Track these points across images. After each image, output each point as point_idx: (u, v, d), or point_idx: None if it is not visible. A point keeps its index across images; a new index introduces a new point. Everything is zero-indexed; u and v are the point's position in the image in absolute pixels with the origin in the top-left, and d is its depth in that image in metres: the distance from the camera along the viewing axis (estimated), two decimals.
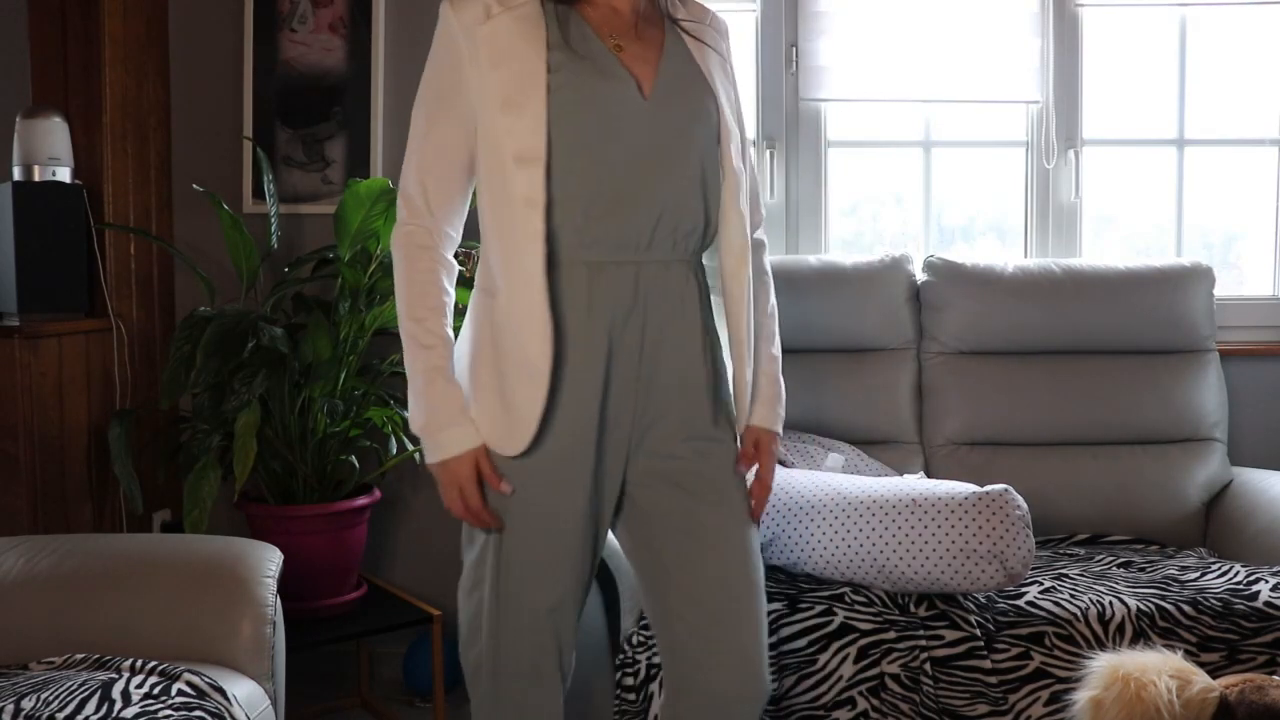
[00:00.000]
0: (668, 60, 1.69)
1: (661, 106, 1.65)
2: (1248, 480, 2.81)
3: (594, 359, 1.64)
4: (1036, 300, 2.88)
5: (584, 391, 1.65)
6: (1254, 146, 3.17)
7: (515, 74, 1.60)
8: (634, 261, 1.65)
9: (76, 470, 2.70)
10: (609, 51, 1.65)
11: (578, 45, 1.64)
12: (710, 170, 1.69)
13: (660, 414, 1.70)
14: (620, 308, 1.65)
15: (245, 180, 3.09)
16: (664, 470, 1.71)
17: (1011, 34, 3.09)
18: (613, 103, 1.62)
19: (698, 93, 1.69)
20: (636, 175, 1.63)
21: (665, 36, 1.71)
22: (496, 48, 1.61)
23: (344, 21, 3.07)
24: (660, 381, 1.69)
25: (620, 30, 1.68)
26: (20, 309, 2.67)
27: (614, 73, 1.64)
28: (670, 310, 1.68)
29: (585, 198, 1.62)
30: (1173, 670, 1.75)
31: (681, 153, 1.66)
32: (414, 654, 3.00)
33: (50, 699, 1.67)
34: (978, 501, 2.19)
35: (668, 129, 1.65)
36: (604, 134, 1.62)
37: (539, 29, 1.63)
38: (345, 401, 2.71)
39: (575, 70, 1.62)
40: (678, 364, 1.70)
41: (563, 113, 1.59)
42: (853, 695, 2.14)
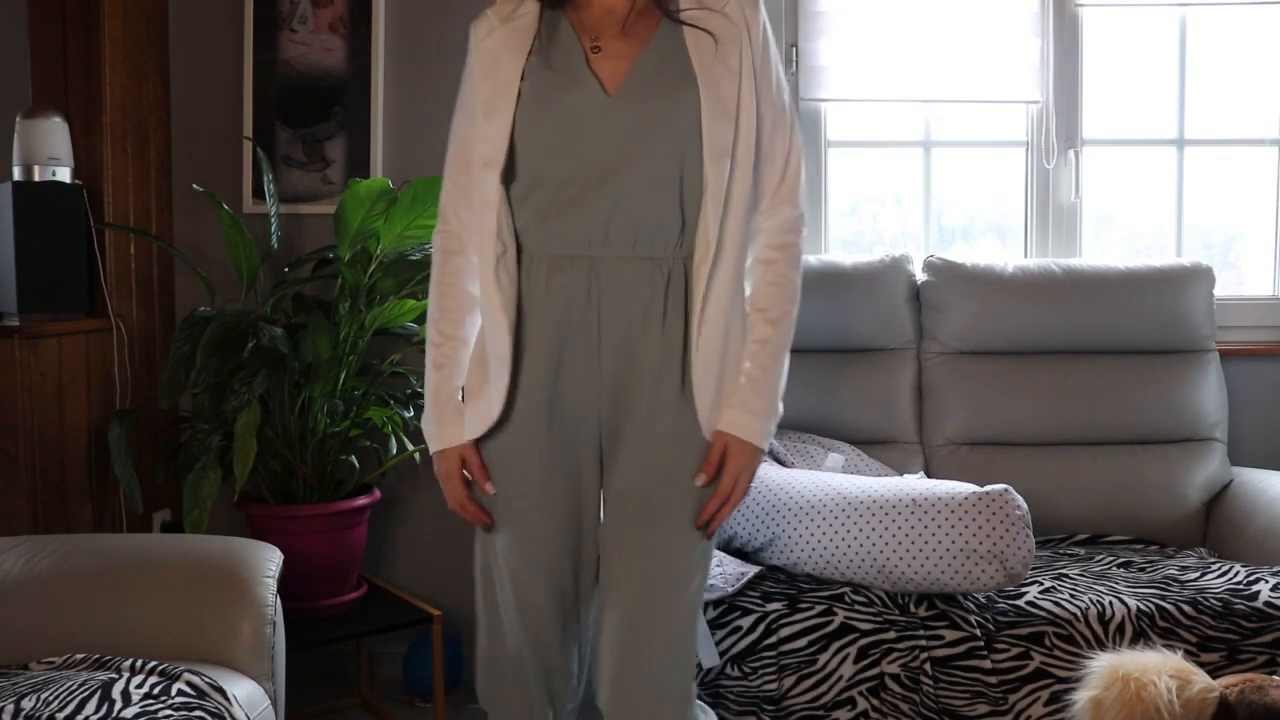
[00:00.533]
0: (648, 54, 1.67)
1: (625, 103, 1.65)
2: (1248, 480, 2.81)
3: (548, 349, 1.69)
4: (1036, 300, 2.88)
5: (537, 379, 1.70)
6: (1254, 146, 3.17)
7: (497, 85, 1.70)
8: (588, 257, 1.67)
9: (76, 470, 2.70)
10: (582, 53, 1.68)
11: (553, 52, 1.69)
12: (688, 166, 1.66)
13: (626, 413, 1.70)
14: (574, 301, 1.68)
15: (245, 180, 3.09)
16: (621, 477, 1.71)
17: (1011, 34, 3.09)
18: (572, 105, 1.66)
19: (674, 86, 1.66)
20: (595, 173, 1.65)
21: (657, 30, 1.69)
22: (489, 60, 1.72)
23: (344, 21, 3.07)
24: (622, 380, 1.69)
25: (607, 29, 1.69)
26: (20, 309, 2.67)
27: (576, 76, 1.67)
28: (629, 308, 1.67)
29: (542, 196, 1.68)
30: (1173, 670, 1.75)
31: (644, 149, 1.65)
32: (414, 654, 3.00)
33: (50, 699, 1.67)
34: (978, 501, 2.19)
35: (630, 125, 1.65)
36: (561, 135, 1.66)
37: (526, 39, 1.70)
38: (345, 401, 2.71)
39: (540, 77, 1.68)
40: (638, 364, 1.69)
41: (525, 118, 1.68)
42: (853, 695, 2.14)
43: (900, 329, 2.92)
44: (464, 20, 3.00)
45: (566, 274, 1.68)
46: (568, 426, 1.71)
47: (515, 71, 1.68)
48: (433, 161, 2.92)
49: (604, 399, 1.70)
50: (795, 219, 1.75)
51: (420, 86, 3.07)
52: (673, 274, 1.69)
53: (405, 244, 2.71)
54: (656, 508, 1.70)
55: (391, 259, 2.72)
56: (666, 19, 1.70)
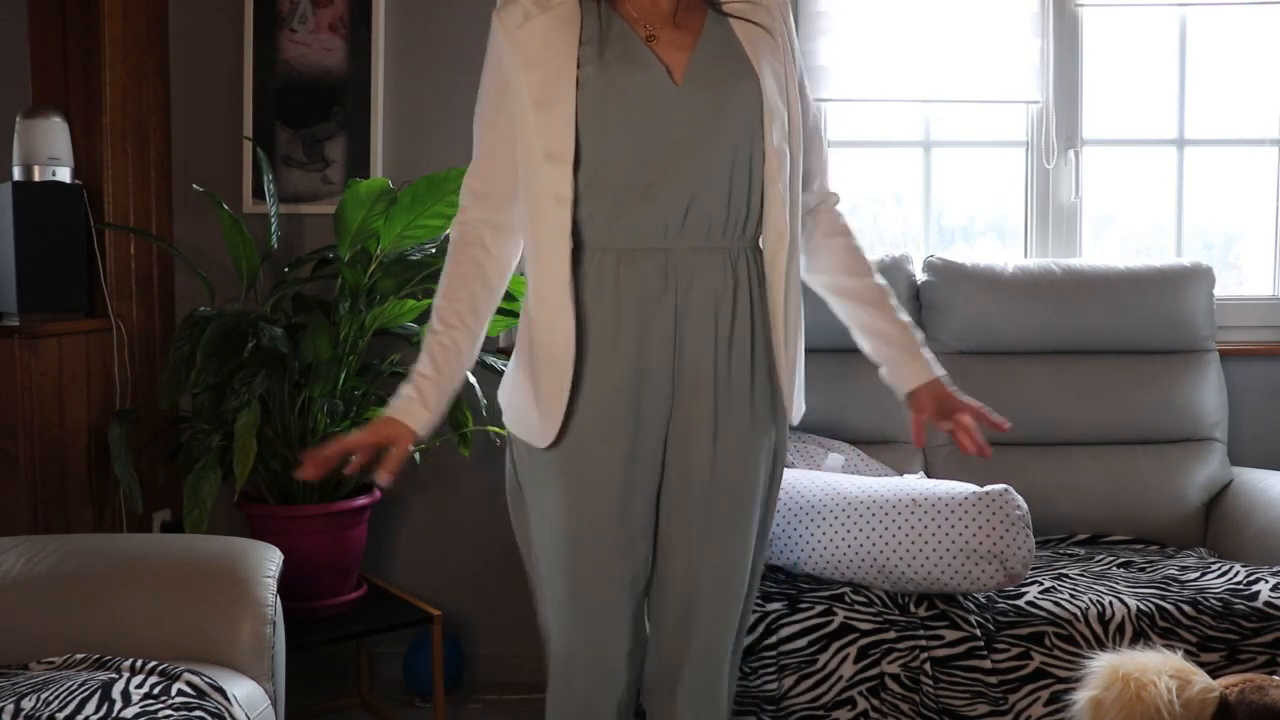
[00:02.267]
0: (704, 44, 1.68)
1: (693, 92, 1.64)
2: (1248, 480, 2.81)
3: (621, 348, 1.66)
4: (1036, 300, 2.88)
5: (611, 381, 1.67)
6: (1254, 146, 3.17)
7: (547, 74, 1.64)
8: (664, 249, 1.66)
9: (76, 470, 2.70)
10: (641, 41, 1.66)
11: (610, 40, 1.65)
12: (753, 154, 1.67)
13: (701, 404, 1.69)
14: (649, 294, 1.66)
15: (245, 180, 3.09)
16: (686, 463, 1.72)
17: (1011, 34, 3.09)
18: (641, 91, 1.63)
19: (735, 75, 1.67)
20: (666, 162, 1.63)
21: (706, 21, 1.70)
22: (532, 49, 1.66)
23: (344, 21, 3.07)
24: (693, 371, 1.69)
25: (657, 20, 1.68)
26: (20, 309, 2.67)
27: (643, 61, 1.64)
28: (704, 299, 1.67)
29: (615, 189, 1.64)
30: (1173, 670, 1.75)
31: (714, 138, 1.65)
32: (414, 654, 3.00)
33: (50, 699, 1.67)
34: (978, 501, 2.19)
35: (700, 114, 1.64)
36: (632, 124, 1.63)
37: (573, 28, 1.65)
38: (345, 401, 2.71)
39: (603, 64, 1.63)
40: (710, 354, 1.69)
41: (590, 108, 1.62)
42: (853, 695, 2.14)
43: None
44: (464, 20, 3.03)
45: (640, 267, 1.65)
46: (644, 423, 1.69)
47: (569, 59, 1.63)
48: (433, 161, 2.94)
49: (681, 392, 1.69)
50: (838, 200, 1.87)
51: (420, 86, 3.07)
52: (738, 262, 1.70)
53: (405, 244, 2.71)
54: (740, 491, 1.73)
55: (391, 259, 2.72)
56: (714, 12, 1.71)
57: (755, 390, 1.72)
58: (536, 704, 2.94)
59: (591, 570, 1.72)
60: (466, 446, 2.88)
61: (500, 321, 2.77)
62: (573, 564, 1.72)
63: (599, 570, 1.72)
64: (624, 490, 1.70)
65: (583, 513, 1.70)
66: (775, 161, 1.68)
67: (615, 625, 1.74)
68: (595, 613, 1.73)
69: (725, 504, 1.73)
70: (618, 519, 1.70)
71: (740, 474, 1.73)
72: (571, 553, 1.72)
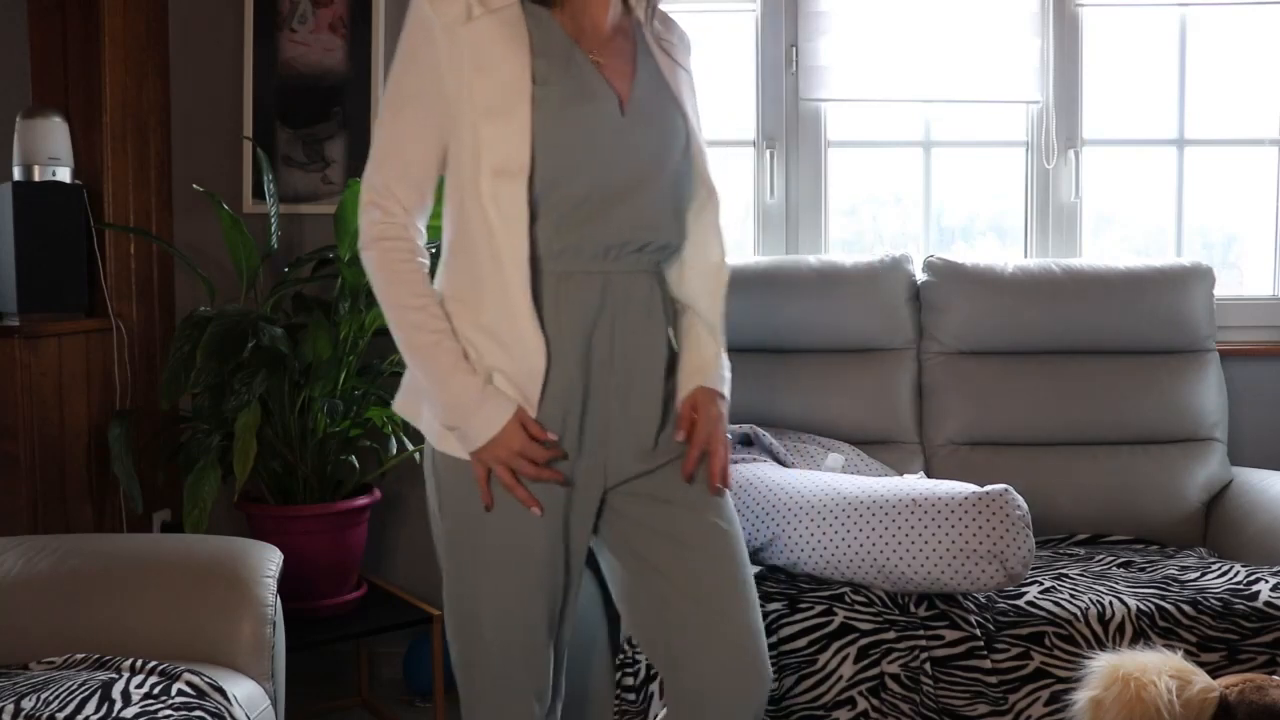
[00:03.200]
0: (641, 76, 1.68)
1: (637, 123, 1.64)
2: (1248, 480, 2.81)
3: (570, 368, 1.63)
4: (1036, 300, 2.88)
5: (561, 402, 1.63)
6: (1254, 146, 3.17)
7: (500, 82, 1.56)
8: (601, 271, 1.64)
9: (76, 470, 2.70)
10: (592, 65, 1.63)
11: (561, 56, 1.62)
12: (682, 187, 1.69)
13: (634, 423, 1.68)
14: (588, 316, 1.63)
15: (245, 180, 3.09)
16: (640, 484, 1.70)
17: (1011, 34, 3.09)
18: (595, 119, 1.61)
19: (669, 110, 1.69)
20: (611, 191, 1.61)
21: (636, 51, 1.70)
22: (480, 51, 1.57)
23: (344, 21, 3.07)
24: (633, 391, 1.67)
25: (597, 43, 1.66)
26: (20, 309, 2.67)
27: (598, 89, 1.62)
28: (637, 319, 1.67)
29: (560, 212, 1.60)
30: (1173, 670, 1.75)
31: (655, 169, 1.65)
32: (414, 654, 3.00)
33: (50, 699, 1.67)
34: (978, 501, 2.19)
35: (643, 146, 1.64)
36: (584, 150, 1.60)
37: (522, 35, 1.59)
38: (345, 401, 2.71)
39: (561, 83, 1.59)
40: (647, 374, 1.68)
41: (547, 126, 1.57)
42: (853, 695, 2.14)
43: (900, 329, 2.91)
44: None
45: (580, 289, 1.63)
46: (581, 438, 1.66)
47: (522, 70, 1.56)
48: None
49: (615, 412, 1.67)
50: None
51: None
52: (660, 282, 1.71)
53: None
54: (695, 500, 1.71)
55: None
56: (640, 42, 1.71)
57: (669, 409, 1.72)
58: None
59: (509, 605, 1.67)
60: None
61: None
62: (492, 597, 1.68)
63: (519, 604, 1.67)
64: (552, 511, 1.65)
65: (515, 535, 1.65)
66: (714, 198, 1.72)
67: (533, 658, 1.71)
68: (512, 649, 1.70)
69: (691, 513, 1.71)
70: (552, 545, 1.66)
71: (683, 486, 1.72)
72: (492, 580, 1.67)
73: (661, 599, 1.72)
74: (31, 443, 2.56)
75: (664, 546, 1.71)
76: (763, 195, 3.18)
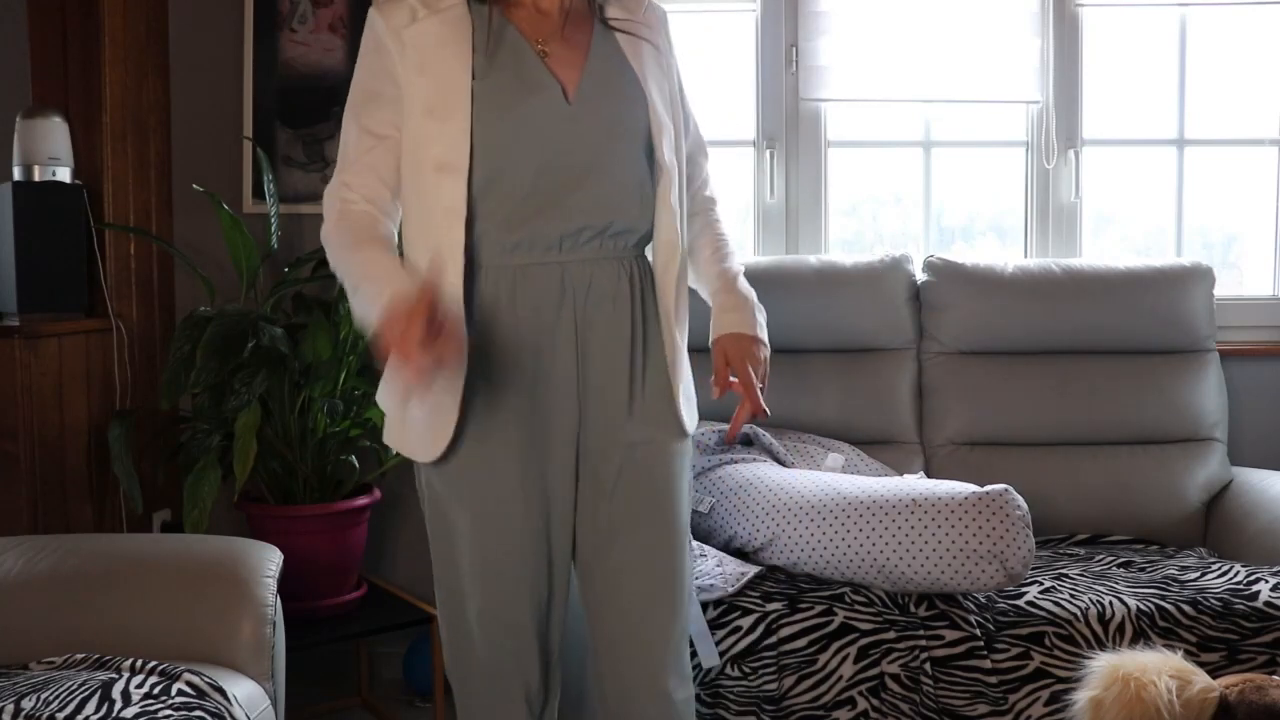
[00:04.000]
0: (594, 61, 1.67)
1: (585, 110, 1.64)
2: (1248, 480, 2.81)
3: (519, 360, 1.64)
4: (1036, 300, 2.88)
5: (511, 390, 1.64)
6: (1254, 146, 3.17)
7: (439, 80, 1.59)
8: (558, 262, 1.64)
9: (76, 470, 2.70)
10: (535, 56, 1.64)
11: (503, 50, 1.63)
12: (644, 168, 1.68)
13: (598, 411, 1.69)
14: (547, 306, 1.64)
15: (245, 180, 3.09)
16: (595, 469, 1.70)
17: (1011, 34, 3.09)
18: (536, 111, 1.61)
19: (625, 91, 1.67)
20: (558, 181, 1.62)
21: (593, 35, 1.69)
22: (422, 52, 1.61)
23: (344, 21, 3.07)
24: (596, 379, 1.68)
25: (546, 33, 1.66)
26: (20, 309, 2.67)
27: (538, 80, 1.62)
28: (599, 308, 1.67)
29: (509, 204, 1.62)
30: (1173, 670, 1.75)
31: (607, 155, 1.65)
32: (414, 654, 3.00)
33: (50, 699, 1.67)
34: (978, 501, 2.19)
35: (592, 133, 1.64)
36: (526, 142, 1.61)
37: (465, 32, 1.61)
38: (345, 401, 2.71)
39: (499, 78, 1.61)
40: (610, 362, 1.68)
41: (486, 121, 1.59)
42: (853, 695, 2.14)
43: (900, 329, 2.91)
44: None
45: (536, 281, 1.64)
46: (548, 434, 1.67)
47: (463, 68, 1.59)
48: None
49: (586, 400, 1.68)
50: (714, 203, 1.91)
51: None
52: (634, 270, 1.71)
53: None
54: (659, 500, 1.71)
55: None
56: (600, 25, 1.70)
57: (662, 395, 1.72)
58: None
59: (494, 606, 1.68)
60: None
61: None
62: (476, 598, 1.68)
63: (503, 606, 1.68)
64: (530, 509, 1.67)
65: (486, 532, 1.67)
66: (666, 177, 1.69)
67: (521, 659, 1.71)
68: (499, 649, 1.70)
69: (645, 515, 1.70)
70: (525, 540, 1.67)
71: (660, 483, 1.71)
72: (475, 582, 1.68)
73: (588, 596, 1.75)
74: (31, 443, 2.56)
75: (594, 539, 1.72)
76: (763, 195, 3.18)
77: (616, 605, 1.72)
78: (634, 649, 1.72)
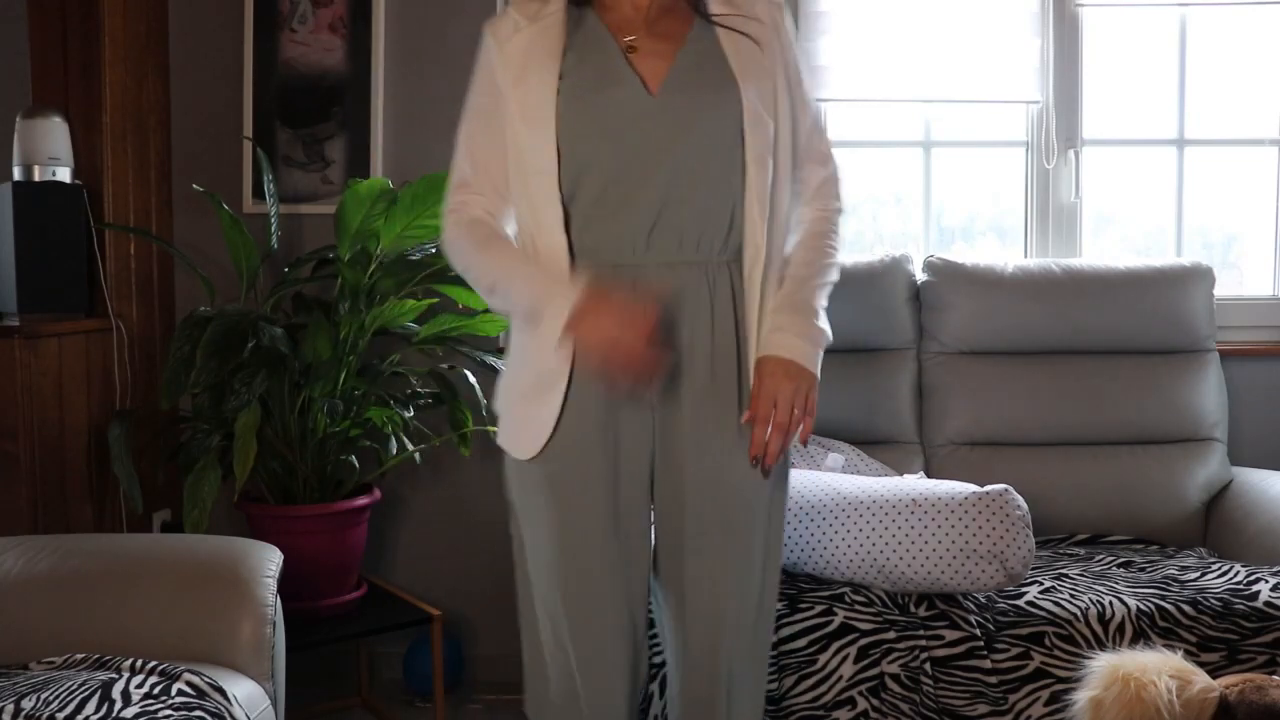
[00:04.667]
0: (685, 54, 1.65)
1: (668, 102, 1.62)
2: (1248, 480, 2.81)
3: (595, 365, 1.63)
4: (1036, 300, 2.88)
5: (590, 399, 1.64)
6: (1254, 146, 3.17)
7: (532, 89, 1.63)
8: (632, 264, 1.63)
9: (76, 470, 2.70)
10: (619, 51, 1.64)
11: (588, 50, 1.64)
12: (733, 167, 1.64)
13: (675, 421, 1.67)
14: None
15: (245, 180, 3.09)
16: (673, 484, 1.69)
17: (1011, 34, 3.09)
18: (613, 106, 1.61)
19: (714, 86, 1.64)
20: (636, 175, 1.61)
21: (691, 29, 1.67)
22: (518, 63, 1.65)
23: (344, 21, 3.07)
24: (675, 390, 1.66)
25: (638, 28, 1.66)
26: (20, 309, 2.67)
27: (618, 75, 1.62)
28: (676, 314, 1.64)
29: (590, 203, 1.62)
30: (1173, 670, 1.75)
31: (685, 149, 1.62)
32: (414, 654, 3.00)
33: (50, 699, 1.67)
34: (978, 501, 2.19)
35: (672, 125, 1.62)
36: (604, 137, 1.61)
37: (558, 39, 1.64)
38: (345, 401, 2.71)
39: (581, 74, 1.62)
40: (690, 373, 1.66)
41: (567, 120, 1.61)
42: (853, 695, 2.14)
43: (900, 329, 2.91)
44: (464, 20, 3.03)
45: (612, 284, 1.61)
46: (626, 442, 1.67)
47: (551, 74, 1.62)
48: (433, 161, 2.93)
49: (657, 413, 1.67)
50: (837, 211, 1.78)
51: (420, 86, 3.07)
52: (718, 278, 1.66)
53: (405, 244, 2.71)
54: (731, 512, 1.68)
55: (391, 259, 2.72)
56: (700, 19, 1.68)
57: (743, 406, 1.68)
58: None
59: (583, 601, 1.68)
60: (466, 446, 2.88)
61: (500, 321, 2.78)
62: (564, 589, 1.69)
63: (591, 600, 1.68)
64: (611, 509, 1.67)
65: (571, 530, 1.67)
66: (754, 175, 1.64)
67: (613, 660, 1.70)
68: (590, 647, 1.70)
69: (716, 526, 1.68)
70: (608, 539, 1.67)
71: (729, 494, 1.68)
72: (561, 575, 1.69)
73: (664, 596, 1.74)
74: (31, 443, 2.55)
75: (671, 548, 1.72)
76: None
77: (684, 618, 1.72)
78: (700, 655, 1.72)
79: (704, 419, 1.67)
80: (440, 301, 2.79)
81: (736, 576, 1.70)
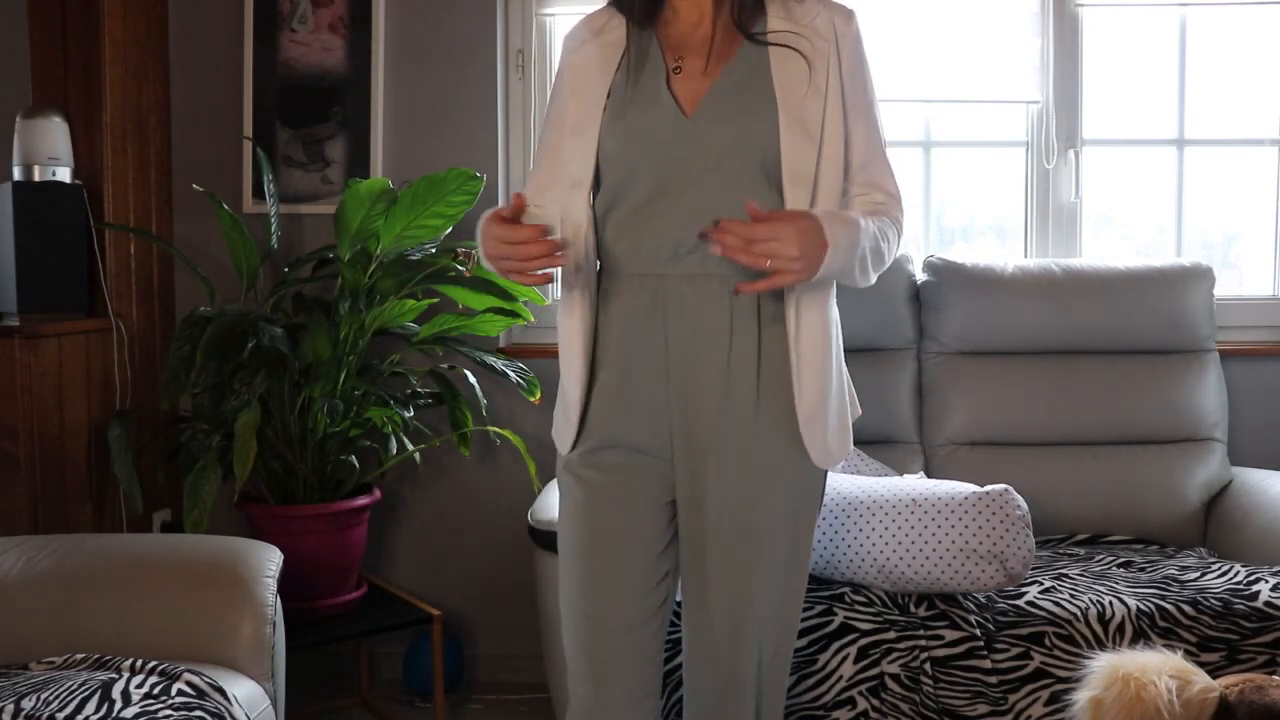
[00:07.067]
0: (728, 74, 1.67)
1: (701, 124, 1.65)
2: (1247, 480, 2.81)
3: (615, 367, 1.70)
4: (1036, 300, 2.88)
5: (607, 398, 1.71)
6: (1254, 146, 3.16)
7: (583, 102, 1.70)
8: (656, 274, 1.67)
9: (76, 470, 2.70)
10: (663, 72, 1.68)
11: (638, 69, 1.69)
12: (766, 187, 1.65)
13: (692, 434, 1.69)
14: (634, 318, 1.68)
15: (245, 180, 3.09)
16: (691, 495, 1.71)
17: (1011, 34, 3.09)
18: (647, 125, 1.67)
19: (751, 107, 1.64)
20: (663, 193, 1.66)
21: (741, 46, 1.68)
22: (578, 76, 1.73)
23: (344, 21, 3.07)
24: (688, 401, 1.68)
25: (692, 48, 1.69)
26: (20, 309, 2.67)
27: (656, 96, 1.67)
28: (693, 325, 1.66)
29: (620, 215, 1.69)
30: (1173, 670, 1.75)
31: (717, 170, 1.64)
32: (414, 654, 3.00)
33: (50, 699, 1.67)
34: (978, 501, 2.19)
35: (705, 148, 1.64)
36: (636, 155, 1.66)
37: (615, 55, 1.71)
38: (345, 401, 2.71)
39: (622, 97, 1.68)
40: (707, 385, 1.67)
41: (606, 136, 1.67)
42: (853, 695, 2.14)
43: (900, 329, 2.91)
44: (464, 20, 3.04)
45: (634, 292, 1.69)
46: (643, 449, 1.71)
47: (603, 89, 1.70)
48: (433, 161, 2.94)
49: (679, 420, 1.69)
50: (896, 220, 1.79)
51: (420, 86, 3.07)
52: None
53: (405, 244, 2.71)
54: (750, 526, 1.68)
55: (391, 259, 2.72)
56: (749, 41, 1.68)
57: (762, 423, 1.67)
58: (536, 704, 2.95)
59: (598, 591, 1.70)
60: (466, 446, 2.88)
61: (500, 321, 2.78)
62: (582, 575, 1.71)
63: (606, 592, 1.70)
64: (633, 510, 1.71)
65: (595, 519, 1.71)
66: (790, 195, 1.64)
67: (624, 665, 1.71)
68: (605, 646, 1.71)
69: (731, 540, 1.69)
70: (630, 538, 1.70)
71: (748, 508, 1.68)
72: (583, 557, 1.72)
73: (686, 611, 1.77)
74: (31, 443, 2.56)
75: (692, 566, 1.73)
76: None
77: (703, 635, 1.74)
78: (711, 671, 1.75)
79: (722, 424, 1.68)
80: (440, 301, 2.79)
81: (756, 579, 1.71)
